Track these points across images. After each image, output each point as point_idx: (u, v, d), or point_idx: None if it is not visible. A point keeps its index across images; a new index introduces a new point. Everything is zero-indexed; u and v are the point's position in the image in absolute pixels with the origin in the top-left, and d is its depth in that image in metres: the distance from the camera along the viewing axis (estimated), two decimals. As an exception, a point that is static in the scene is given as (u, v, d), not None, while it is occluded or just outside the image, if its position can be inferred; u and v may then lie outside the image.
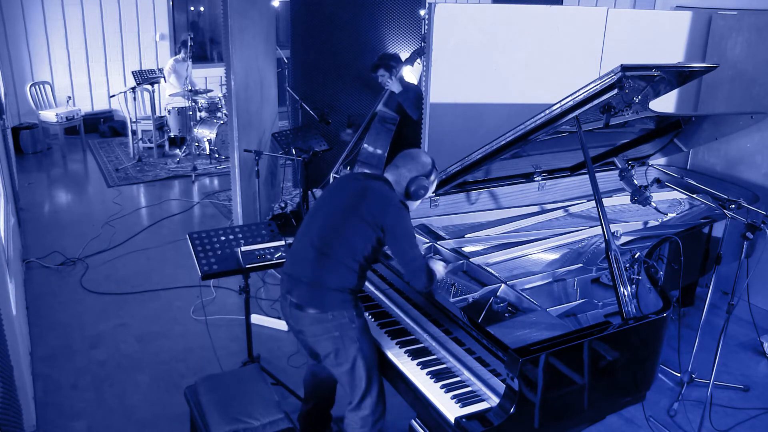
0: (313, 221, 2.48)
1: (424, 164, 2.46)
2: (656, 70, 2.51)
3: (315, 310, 2.37)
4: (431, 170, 2.48)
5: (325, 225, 2.42)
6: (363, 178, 2.46)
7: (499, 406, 2.08)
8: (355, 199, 2.38)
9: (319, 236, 2.40)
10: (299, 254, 2.47)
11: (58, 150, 7.92)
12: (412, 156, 2.49)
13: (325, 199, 2.52)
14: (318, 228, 2.43)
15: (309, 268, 2.40)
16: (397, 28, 5.98)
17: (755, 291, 3.98)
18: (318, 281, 2.37)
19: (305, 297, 2.39)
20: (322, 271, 2.37)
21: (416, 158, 2.47)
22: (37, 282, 4.62)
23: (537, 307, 2.44)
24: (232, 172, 4.91)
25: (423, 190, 2.46)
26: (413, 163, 2.45)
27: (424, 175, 2.45)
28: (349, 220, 2.36)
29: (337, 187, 2.53)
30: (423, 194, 2.47)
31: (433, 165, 2.50)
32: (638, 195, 2.96)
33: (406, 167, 2.45)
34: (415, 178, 2.43)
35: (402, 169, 2.46)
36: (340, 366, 2.43)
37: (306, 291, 2.39)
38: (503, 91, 4.01)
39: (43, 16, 8.09)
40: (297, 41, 5.87)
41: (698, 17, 4.50)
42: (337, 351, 2.40)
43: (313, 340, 2.44)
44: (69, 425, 3.17)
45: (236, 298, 4.38)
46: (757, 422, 3.30)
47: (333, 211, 2.42)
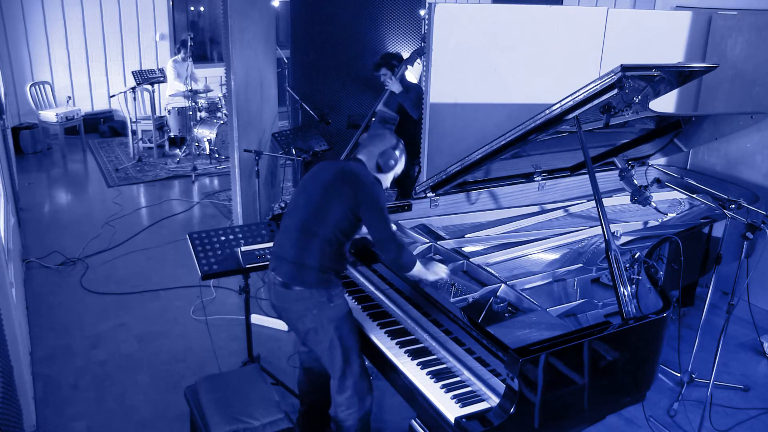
0: (296, 203, 2.62)
1: (389, 139, 2.64)
2: (656, 70, 2.51)
3: (300, 287, 2.49)
4: (396, 143, 2.64)
5: (306, 205, 2.55)
6: (337, 162, 2.67)
7: (499, 406, 2.08)
8: (332, 179, 2.53)
9: (300, 217, 2.54)
10: (284, 234, 2.61)
11: (58, 150, 7.93)
12: (376, 134, 2.70)
13: (306, 182, 2.65)
14: (300, 209, 2.57)
15: (292, 247, 2.53)
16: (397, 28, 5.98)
17: (755, 291, 3.98)
18: (300, 259, 2.50)
19: (289, 275, 2.51)
20: (303, 249, 2.50)
21: (380, 135, 2.67)
22: (37, 282, 4.62)
23: (537, 307, 2.44)
24: (232, 172, 4.91)
25: (393, 161, 2.61)
26: (378, 140, 2.64)
27: (391, 147, 2.61)
28: (327, 198, 2.50)
29: (316, 171, 2.65)
30: (393, 165, 2.62)
31: (399, 139, 2.66)
32: (638, 195, 2.96)
33: (373, 144, 2.63)
34: (383, 152, 2.59)
35: (369, 147, 2.63)
36: (319, 344, 2.54)
37: (290, 269, 2.51)
38: (503, 91, 4.01)
39: (43, 16, 8.09)
40: (297, 41, 5.87)
41: (698, 17, 4.50)
42: (316, 329, 2.52)
43: (295, 317, 2.56)
44: (69, 425, 3.17)
45: (236, 298, 4.38)
46: (757, 422, 3.30)
47: (312, 192, 2.56)
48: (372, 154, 2.60)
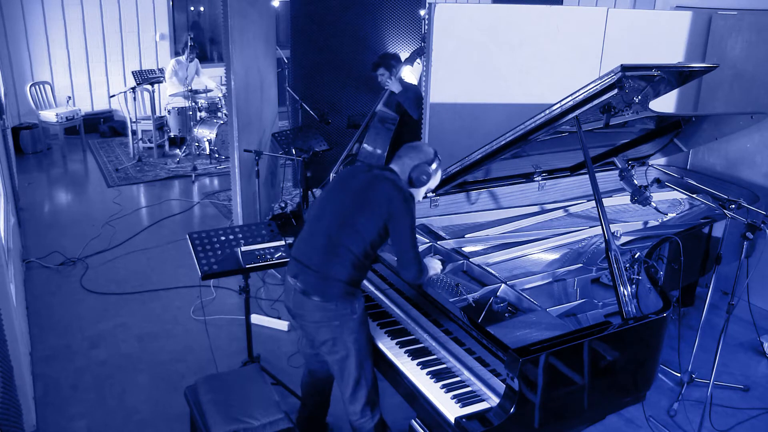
0: (323, 210, 2.53)
1: (426, 152, 2.52)
2: (656, 70, 2.51)
3: (319, 298, 2.42)
4: (433, 158, 2.53)
5: (334, 215, 2.46)
6: (371, 169, 2.52)
7: (499, 406, 2.08)
8: (364, 190, 2.43)
9: (327, 226, 2.45)
10: (309, 241, 2.52)
11: (58, 150, 7.93)
12: (413, 146, 2.56)
13: (335, 189, 2.56)
14: (328, 217, 2.48)
15: (317, 257, 2.44)
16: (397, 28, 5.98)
17: (755, 291, 3.98)
18: (324, 271, 2.42)
19: (311, 284, 2.43)
20: (329, 260, 2.42)
21: (417, 147, 2.54)
22: (37, 282, 4.62)
23: (537, 307, 2.44)
24: (232, 172, 4.91)
25: (425, 176, 2.50)
26: (414, 152, 2.52)
27: (426, 162, 2.50)
28: (357, 209, 2.41)
29: (346, 177, 2.57)
30: (425, 180, 2.51)
31: (436, 154, 2.55)
32: (638, 195, 2.96)
33: (408, 156, 2.52)
34: (416, 166, 2.49)
35: (404, 158, 2.52)
36: (335, 354, 2.49)
37: (312, 278, 2.44)
38: (503, 91, 4.01)
39: (43, 16, 8.09)
40: (297, 41, 5.87)
41: (698, 17, 4.50)
42: (335, 339, 2.46)
43: (313, 326, 2.48)
44: (69, 425, 3.17)
45: (236, 298, 4.38)
46: (757, 422, 3.30)
47: (342, 201, 2.47)
48: (406, 167, 2.50)
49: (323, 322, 2.44)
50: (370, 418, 2.57)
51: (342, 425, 3.04)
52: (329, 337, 2.45)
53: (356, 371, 2.49)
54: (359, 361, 2.48)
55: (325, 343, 2.48)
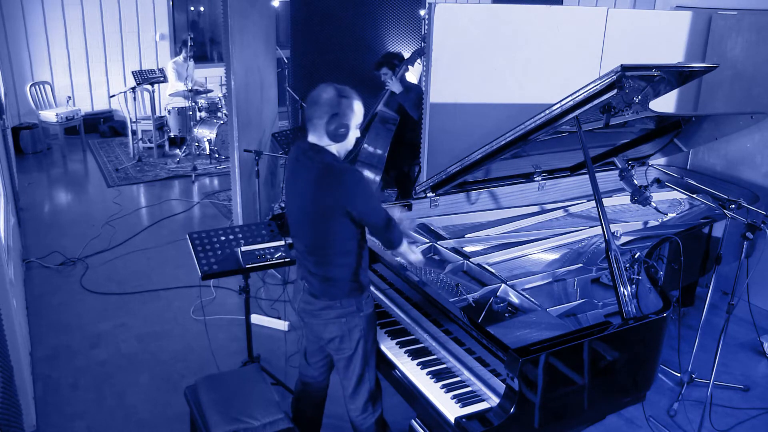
0: (293, 223, 2.49)
1: (328, 101, 2.27)
2: (656, 70, 2.51)
3: (325, 298, 2.43)
4: (337, 100, 2.26)
5: (304, 228, 2.41)
6: (307, 161, 2.33)
7: (499, 406, 2.08)
8: (314, 193, 2.29)
9: (304, 244, 2.44)
10: (301, 256, 2.50)
11: (58, 150, 7.93)
12: (313, 100, 2.31)
13: (291, 195, 2.46)
14: (301, 232, 2.44)
15: (311, 265, 2.45)
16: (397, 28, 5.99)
17: (755, 291, 3.98)
18: (323, 275, 2.42)
19: (315, 287, 2.45)
20: (322, 266, 2.42)
21: (317, 99, 2.29)
22: (37, 282, 4.62)
23: (537, 307, 2.44)
24: (232, 172, 4.91)
25: (343, 129, 2.28)
26: (317, 107, 2.29)
27: (335, 113, 2.25)
28: (320, 217, 2.31)
29: (293, 178, 2.43)
30: (345, 131, 2.29)
31: (338, 92, 2.28)
32: (638, 195, 2.96)
33: (316, 116, 2.29)
34: (327, 122, 2.26)
35: (314, 119, 2.30)
36: (342, 351, 2.49)
37: (317, 282, 2.44)
38: (503, 91, 4.01)
39: (43, 16, 8.09)
40: (297, 41, 5.88)
41: (698, 17, 4.50)
42: (342, 337, 2.45)
43: (321, 324, 2.48)
44: (69, 425, 3.17)
45: (236, 298, 4.38)
46: (757, 422, 3.30)
47: (303, 211, 2.38)
48: (320, 128, 2.29)
49: (330, 319, 2.45)
50: (371, 414, 2.58)
51: (342, 425, 3.04)
52: (337, 334, 2.46)
53: (360, 368, 2.50)
54: (365, 358, 2.49)
55: (332, 340, 2.48)
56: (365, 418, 2.57)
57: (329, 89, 2.30)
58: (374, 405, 2.58)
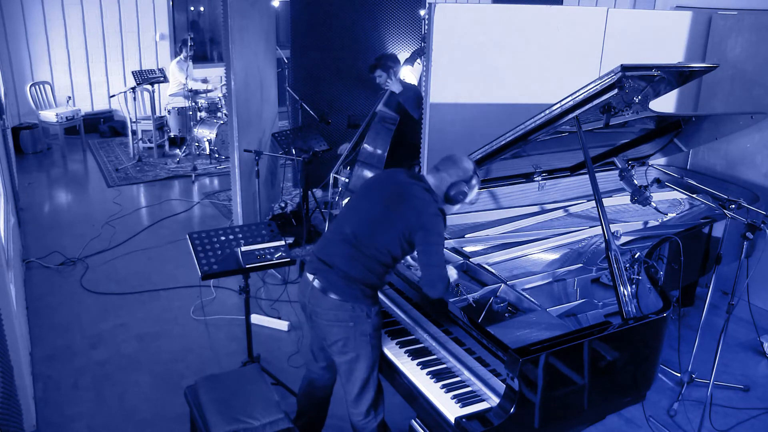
0: (351, 213, 2.53)
1: (465, 170, 2.48)
2: (656, 70, 2.51)
3: (337, 296, 2.41)
4: (472, 175, 2.49)
5: (361, 221, 2.46)
6: (404, 179, 2.48)
7: (499, 406, 2.08)
8: (394, 201, 2.41)
9: (353, 230, 2.45)
10: (332, 242, 2.51)
11: (58, 150, 7.92)
12: (453, 160, 2.51)
13: (366, 193, 2.56)
14: (355, 222, 2.47)
15: (339, 258, 2.44)
16: (397, 28, 5.98)
17: (755, 291, 3.98)
18: (345, 272, 2.42)
19: (330, 282, 2.43)
20: (351, 263, 2.42)
21: (458, 163, 2.49)
22: (37, 282, 4.62)
23: (537, 307, 2.44)
24: (232, 172, 4.91)
25: (462, 195, 2.47)
26: (454, 168, 2.48)
27: (465, 180, 2.47)
28: (384, 221, 2.40)
29: (378, 182, 2.56)
30: (462, 199, 2.48)
31: (475, 171, 2.52)
32: (638, 195, 2.96)
33: (447, 171, 2.48)
34: (455, 183, 2.45)
35: (443, 173, 2.48)
36: (344, 354, 2.48)
37: (332, 277, 2.43)
38: (503, 91, 4.01)
39: (43, 16, 8.09)
40: (297, 41, 5.87)
41: (698, 17, 4.50)
42: (346, 340, 2.44)
43: (326, 324, 2.47)
44: (69, 425, 3.17)
45: (236, 298, 4.38)
46: (757, 422, 3.30)
47: (370, 209, 2.46)
48: (444, 182, 2.46)
49: (337, 321, 2.43)
50: (373, 419, 2.57)
51: (342, 425, 3.04)
52: (341, 337, 2.44)
53: (365, 374, 2.48)
54: (369, 364, 2.48)
55: (336, 342, 2.47)
56: (367, 423, 2.57)
57: (471, 163, 2.53)
58: (376, 410, 2.58)
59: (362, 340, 2.44)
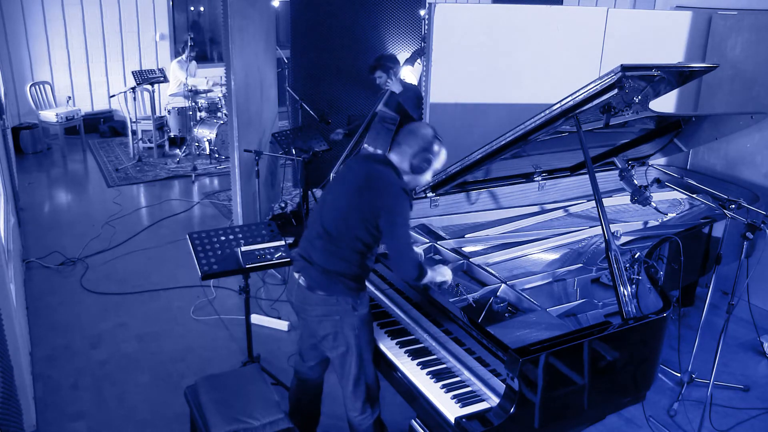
0: (322, 207, 2.54)
1: (424, 136, 2.45)
2: (656, 70, 2.51)
3: (323, 292, 2.44)
4: (432, 140, 2.45)
5: (330, 211, 2.47)
6: (367, 162, 2.48)
7: (499, 406, 2.08)
8: (358, 186, 2.41)
9: (324, 223, 2.47)
10: (309, 238, 2.54)
11: (58, 150, 7.92)
12: (411, 130, 2.49)
13: (333, 185, 2.57)
14: (325, 214, 2.49)
15: (316, 253, 2.47)
16: (397, 29, 5.98)
17: (755, 291, 3.98)
18: (324, 266, 2.44)
19: (314, 279, 2.46)
20: (328, 257, 2.44)
21: (415, 132, 2.47)
22: (37, 282, 4.62)
23: (537, 307, 2.44)
24: (232, 172, 4.91)
25: (426, 163, 2.44)
26: (413, 138, 2.45)
27: (425, 148, 2.43)
28: (351, 207, 2.41)
29: (345, 172, 2.56)
30: (427, 167, 2.46)
31: (435, 135, 2.47)
32: (638, 195, 2.96)
33: (407, 143, 2.45)
34: (416, 153, 2.43)
35: (403, 145, 2.46)
36: (335, 349, 2.50)
37: (315, 274, 2.46)
38: (503, 91, 4.01)
39: (43, 16, 8.09)
40: (297, 41, 5.87)
41: (698, 17, 4.50)
42: (336, 334, 2.47)
43: (315, 320, 2.50)
44: (69, 425, 3.17)
45: (236, 298, 4.38)
46: (757, 422, 3.30)
47: (337, 198, 2.47)
48: (405, 154, 2.44)
49: (325, 315, 2.46)
50: (369, 416, 2.58)
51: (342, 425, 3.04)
52: (330, 332, 2.47)
53: (356, 368, 2.50)
54: (359, 358, 2.49)
55: (326, 337, 2.50)
56: (363, 419, 2.58)
57: (429, 129, 2.48)
58: (373, 407, 2.59)
59: (350, 334, 2.46)
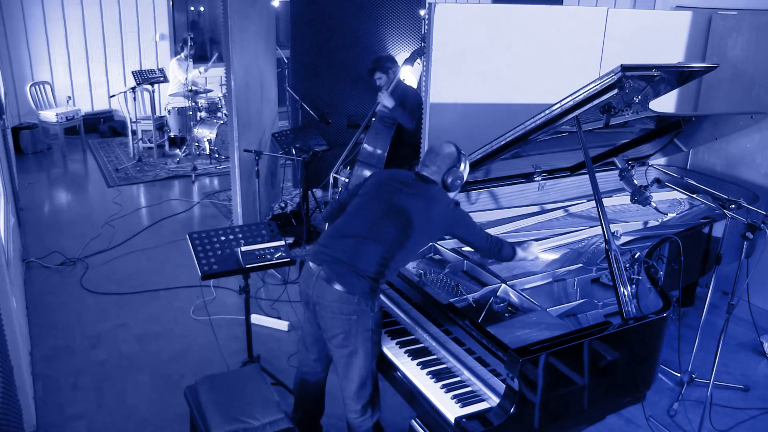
0: (359, 214, 2.55)
1: (450, 155, 2.59)
2: (656, 70, 2.51)
3: (342, 288, 2.39)
4: (458, 156, 2.60)
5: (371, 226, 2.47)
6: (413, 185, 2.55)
7: (499, 406, 2.08)
8: (412, 212, 2.46)
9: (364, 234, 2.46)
10: (343, 234, 2.51)
11: (58, 150, 7.93)
12: (436, 152, 2.61)
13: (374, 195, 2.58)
14: (363, 226, 2.48)
15: (349, 251, 2.44)
16: (397, 28, 5.98)
17: (755, 291, 3.98)
18: (355, 265, 2.41)
19: (338, 273, 2.41)
20: (362, 257, 2.41)
21: (440, 152, 2.60)
22: (37, 282, 4.62)
23: (537, 307, 2.44)
24: (232, 172, 4.91)
25: (459, 180, 2.59)
26: (440, 158, 2.59)
27: (454, 165, 2.58)
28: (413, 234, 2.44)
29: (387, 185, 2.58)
30: (460, 183, 2.61)
31: (458, 150, 2.61)
32: (638, 195, 2.96)
33: (436, 164, 2.59)
34: (447, 172, 2.57)
35: (432, 167, 2.59)
36: (344, 348, 2.47)
37: (341, 269, 2.41)
38: (503, 91, 4.01)
39: (43, 16, 8.09)
40: (297, 41, 5.88)
41: (698, 17, 4.50)
42: (347, 333, 2.44)
43: (329, 315, 2.45)
44: (69, 425, 3.17)
45: (236, 298, 4.38)
46: (757, 422, 3.30)
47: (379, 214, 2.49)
48: (436, 176, 2.58)
49: (341, 313, 2.41)
50: (369, 418, 2.57)
51: (340, 425, 3.04)
52: (343, 330, 2.43)
53: (363, 370, 2.48)
54: (367, 360, 2.48)
55: (337, 335, 2.46)
56: (363, 422, 2.57)
57: (452, 146, 2.62)
58: (373, 409, 2.58)
59: (364, 335, 2.44)
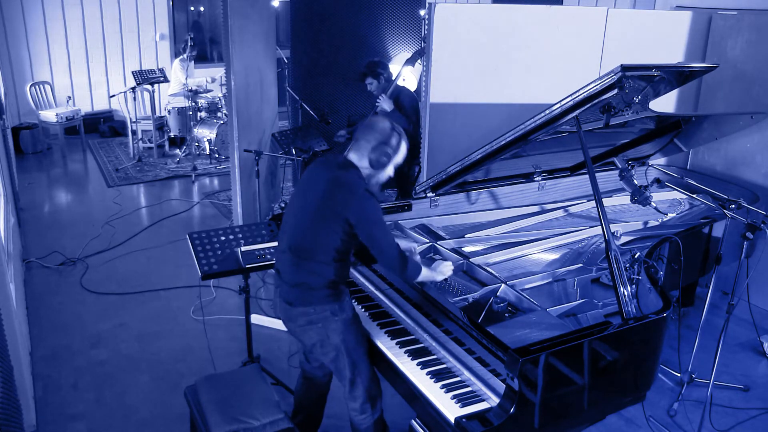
0: (287, 220, 2.54)
1: (382, 130, 2.42)
2: (656, 70, 2.51)
3: (299, 305, 2.45)
4: (390, 134, 2.42)
5: (296, 226, 2.47)
6: (329, 169, 2.43)
7: (499, 406, 2.08)
8: (321, 196, 2.37)
9: (291, 238, 2.47)
10: (279, 255, 2.57)
11: (58, 150, 7.93)
12: (369, 125, 2.46)
13: (297, 195, 2.54)
14: (291, 229, 2.49)
15: (288, 270, 2.49)
16: (397, 28, 5.98)
17: (755, 291, 3.97)
18: (297, 282, 2.45)
19: (292, 295, 2.47)
20: (299, 272, 2.44)
21: (373, 126, 2.44)
22: (37, 282, 4.62)
23: (537, 307, 2.44)
24: (232, 172, 4.91)
25: (385, 157, 2.41)
26: (371, 132, 2.42)
27: (383, 141, 2.40)
28: (316, 219, 2.38)
29: (307, 180, 2.51)
30: (386, 161, 2.42)
31: (393, 128, 2.44)
32: (638, 195, 2.96)
33: (364, 138, 2.42)
34: (374, 147, 2.40)
35: (361, 140, 2.43)
36: (326, 355, 2.52)
37: (289, 289, 2.48)
38: (503, 91, 4.01)
39: (43, 16, 8.09)
40: (297, 41, 5.87)
41: (698, 17, 4.50)
42: (322, 341, 2.49)
43: (300, 330, 2.52)
44: (69, 425, 3.17)
45: (236, 298, 4.38)
46: (757, 422, 3.30)
47: (302, 211, 2.45)
48: (363, 150, 2.41)
49: (308, 325, 2.47)
50: (370, 415, 2.59)
51: (342, 425, 3.04)
52: (316, 340, 2.49)
53: (349, 371, 2.51)
54: (350, 360, 2.50)
55: (314, 345, 2.52)
56: (364, 419, 2.58)
57: (387, 122, 2.46)
58: (373, 406, 2.59)
59: (337, 339, 2.47)
